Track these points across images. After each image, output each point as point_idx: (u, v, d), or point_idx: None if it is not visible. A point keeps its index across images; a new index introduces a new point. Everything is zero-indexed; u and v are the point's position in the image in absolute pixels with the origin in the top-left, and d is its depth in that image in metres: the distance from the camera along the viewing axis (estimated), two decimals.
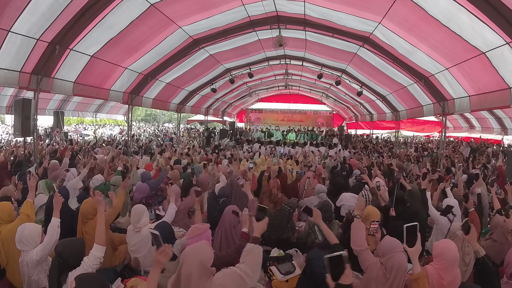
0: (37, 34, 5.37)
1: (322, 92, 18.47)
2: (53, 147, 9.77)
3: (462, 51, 5.78)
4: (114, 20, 6.05)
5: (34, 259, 2.53)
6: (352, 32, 7.67)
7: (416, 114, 10.30)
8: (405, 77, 8.54)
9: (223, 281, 1.87)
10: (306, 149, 11.59)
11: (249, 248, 2.12)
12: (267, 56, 11.57)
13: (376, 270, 2.38)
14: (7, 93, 11.71)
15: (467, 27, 5.12)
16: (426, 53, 6.66)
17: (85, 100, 15.22)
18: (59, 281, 2.20)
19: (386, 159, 9.33)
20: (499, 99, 5.78)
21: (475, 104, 6.65)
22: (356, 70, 10.55)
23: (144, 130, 24.90)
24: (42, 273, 2.58)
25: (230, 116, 22.92)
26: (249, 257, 2.05)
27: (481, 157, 9.75)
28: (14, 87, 6.14)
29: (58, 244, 2.32)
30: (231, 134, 17.34)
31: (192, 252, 1.87)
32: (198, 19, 7.32)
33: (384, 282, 2.32)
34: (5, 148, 9.22)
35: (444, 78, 7.10)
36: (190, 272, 1.78)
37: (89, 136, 18.91)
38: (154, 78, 9.53)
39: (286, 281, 2.99)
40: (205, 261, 1.83)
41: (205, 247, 1.95)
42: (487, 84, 6.01)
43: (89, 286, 1.78)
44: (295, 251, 3.52)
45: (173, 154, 9.14)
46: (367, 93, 12.16)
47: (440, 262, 2.40)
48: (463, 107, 7.09)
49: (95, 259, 2.37)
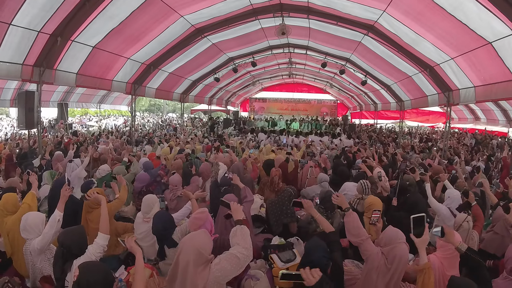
0: (38, 26, 5.36)
1: (326, 81, 18.29)
2: (57, 139, 9.87)
3: (468, 40, 5.66)
4: (115, 10, 6.01)
5: (36, 248, 2.60)
6: (357, 20, 7.52)
7: (420, 104, 10.19)
8: (410, 66, 8.41)
9: (220, 266, 1.90)
10: (308, 139, 11.57)
11: (233, 231, 2.18)
12: (271, 44, 11.44)
13: (377, 260, 2.39)
14: (10, 86, 11.72)
15: (474, 16, 5.00)
16: (431, 42, 6.52)
17: (89, 91, 15.23)
18: (64, 269, 2.25)
19: (391, 149, 9.31)
20: (505, 90, 5.68)
21: (480, 95, 6.54)
22: (361, 59, 10.39)
23: (148, 120, 24.97)
24: (45, 261, 2.66)
25: (233, 106, 22.87)
26: (236, 237, 2.11)
27: (485, 148, 9.66)
28: (17, 79, 6.18)
29: (60, 235, 2.37)
30: (235, 123, 17.35)
31: (190, 240, 1.89)
32: (200, 8, 7.23)
33: (385, 272, 2.33)
34: (9, 141, 9.33)
35: (450, 68, 6.98)
36: (187, 260, 1.80)
37: (94, 127, 19.05)
38: (156, 68, 9.51)
39: (287, 269, 3.04)
40: (202, 249, 1.85)
41: (203, 235, 1.97)
42: (493, 75, 5.90)
43: (92, 274, 1.80)
44: (296, 239, 3.55)
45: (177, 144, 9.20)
46: (371, 83, 12.03)
47: (445, 252, 2.43)
48: (468, 98, 6.98)
49: (98, 247, 2.44)
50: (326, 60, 11.47)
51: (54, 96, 14.33)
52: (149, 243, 3.42)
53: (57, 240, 2.36)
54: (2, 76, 5.86)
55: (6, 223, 3.05)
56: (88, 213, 3.48)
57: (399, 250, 2.32)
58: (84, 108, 19.51)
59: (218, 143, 9.55)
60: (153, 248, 3.40)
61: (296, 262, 3.06)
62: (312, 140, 11.57)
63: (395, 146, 10.73)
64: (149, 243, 3.41)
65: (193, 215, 2.74)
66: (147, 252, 3.48)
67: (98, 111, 20.32)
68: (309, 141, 10.61)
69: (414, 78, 8.99)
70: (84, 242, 2.42)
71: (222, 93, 17.74)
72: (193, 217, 2.70)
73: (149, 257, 3.44)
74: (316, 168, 6.00)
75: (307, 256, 2.43)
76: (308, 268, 1.89)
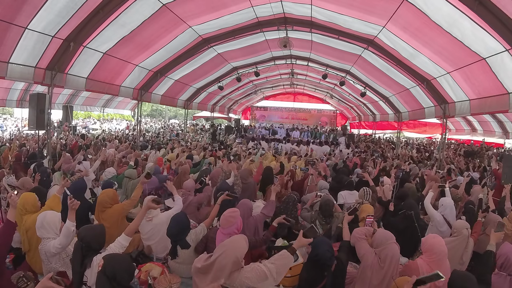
0: (52, 31, 5.59)
1: (326, 92, 18.59)
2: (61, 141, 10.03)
3: (463, 56, 5.94)
4: (127, 18, 6.28)
5: (52, 252, 2.69)
6: (357, 35, 7.83)
7: (418, 116, 10.44)
8: (408, 79, 8.68)
9: (250, 275, 2.01)
10: (309, 147, 11.80)
11: (284, 254, 2.23)
12: (274, 55, 11.77)
13: (371, 259, 2.61)
14: (17, 87, 11.92)
15: (469, 33, 5.28)
16: (428, 57, 6.80)
17: (93, 95, 15.44)
18: (84, 264, 2.36)
19: (389, 160, 9.53)
20: (498, 103, 5.93)
21: (475, 108, 6.80)
22: (360, 71, 10.69)
23: (151, 126, 25.18)
24: (60, 261, 2.76)
25: (235, 113, 23.14)
26: (280, 262, 2.17)
27: (481, 159, 9.87)
28: (29, 81, 6.38)
29: (81, 230, 2.47)
30: (236, 131, 17.58)
31: (232, 245, 2.03)
32: (208, 19, 7.53)
33: (378, 270, 2.56)
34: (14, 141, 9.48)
35: (446, 82, 7.25)
36: (225, 263, 1.96)
37: (97, 130, 19.22)
38: (163, 75, 9.78)
39: (290, 269, 3.17)
40: (240, 256, 2.00)
41: (244, 242, 2.09)
42: (487, 88, 6.16)
43: (117, 263, 1.96)
44: None
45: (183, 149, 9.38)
46: (370, 94, 12.31)
47: (430, 257, 2.61)
48: (464, 110, 7.24)
49: (121, 246, 2.54)
50: (327, 72, 11.77)
51: (59, 99, 14.56)
52: (155, 241, 3.58)
53: (78, 236, 2.45)
54: (16, 78, 6.04)
55: (26, 220, 3.12)
56: (101, 212, 3.63)
57: (390, 249, 2.57)
58: (88, 111, 19.72)
59: (224, 150, 9.75)
60: (161, 245, 3.54)
61: (299, 262, 3.20)
62: (311, 148, 11.80)
63: (393, 156, 10.92)
64: (155, 240, 3.56)
65: (226, 214, 2.84)
66: (156, 249, 3.63)
67: (102, 115, 20.53)
68: (309, 150, 10.85)
69: (411, 90, 9.26)
70: (103, 240, 2.53)
71: (224, 100, 18.03)
72: (227, 216, 2.81)
73: (158, 255, 3.59)
74: (318, 178, 6.17)
75: (313, 251, 2.59)
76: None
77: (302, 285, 2.73)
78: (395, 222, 4.03)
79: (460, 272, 2.31)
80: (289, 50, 10.96)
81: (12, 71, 5.73)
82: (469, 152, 11.71)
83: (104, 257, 2.03)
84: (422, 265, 2.60)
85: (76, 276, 2.41)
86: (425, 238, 2.77)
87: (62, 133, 13.62)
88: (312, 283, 2.62)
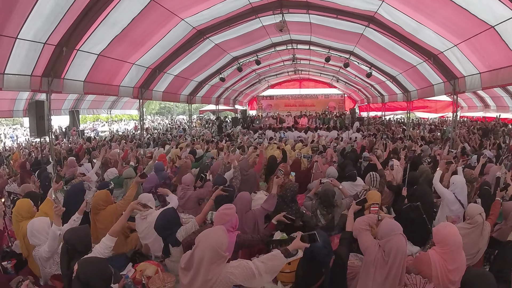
0: (43, 38, 5.54)
1: (332, 75, 18.16)
2: (67, 145, 10.19)
3: (470, 26, 5.55)
4: (117, 17, 6.14)
5: (44, 257, 2.74)
6: (356, 12, 7.47)
7: (427, 94, 10.03)
8: (413, 56, 8.29)
9: (235, 271, 1.90)
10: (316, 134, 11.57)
11: (277, 255, 2.11)
12: (273, 42, 11.45)
13: (374, 253, 2.37)
14: (23, 96, 12.05)
15: (474, 1, 4.91)
16: (433, 30, 6.42)
17: (98, 98, 15.58)
18: (70, 266, 2.35)
19: (399, 143, 9.23)
20: (511, 75, 5.55)
21: (486, 82, 6.41)
22: (364, 51, 10.30)
23: (159, 123, 25.40)
24: (54, 264, 2.81)
25: (241, 104, 22.96)
26: (271, 263, 2.05)
27: (496, 136, 9.40)
28: (27, 90, 6.42)
29: (66, 233, 2.48)
30: (243, 122, 17.47)
31: (206, 237, 1.92)
32: (200, 10, 7.31)
33: (383, 265, 2.30)
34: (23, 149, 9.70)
35: (454, 55, 6.86)
36: (202, 256, 1.84)
37: (106, 132, 19.51)
38: (162, 71, 9.66)
39: (289, 264, 3.05)
40: (218, 247, 1.87)
41: (220, 233, 1.97)
42: (497, 60, 5.78)
43: (90, 269, 1.90)
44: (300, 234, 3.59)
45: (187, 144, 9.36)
46: (376, 74, 11.90)
47: (443, 248, 2.35)
48: (474, 85, 6.85)
49: (106, 247, 2.54)
50: (330, 54, 11.40)
51: (65, 104, 14.75)
52: (151, 239, 3.53)
53: (63, 238, 2.48)
54: (12, 88, 6.06)
55: (22, 227, 3.18)
56: (95, 215, 3.64)
57: (395, 242, 2.29)
58: (95, 114, 20.00)
59: (229, 143, 9.67)
60: (157, 243, 3.49)
61: (298, 257, 3.08)
62: (319, 134, 11.58)
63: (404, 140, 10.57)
64: (151, 239, 3.51)
65: (220, 211, 2.73)
66: (153, 248, 3.60)
67: (109, 117, 20.80)
68: (316, 137, 10.63)
69: (418, 67, 8.86)
70: (89, 241, 2.53)
71: (228, 92, 17.85)
72: (221, 212, 2.70)
73: (156, 253, 3.55)
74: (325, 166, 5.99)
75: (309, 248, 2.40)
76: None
77: (298, 283, 2.60)
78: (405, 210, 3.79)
79: (475, 272, 2.06)
80: (288, 35, 10.65)
81: (9, 82, 5.73)
82: (484, 130, 11.18)
83: (78, 262, 1.98)
84: (434, 257, 2.35)
85: (65, 278, 2.42)
86: (437, 228, 2.49)
87: (71, 138, 13.85)
88: (308, 281, 2.48)
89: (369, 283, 2.36)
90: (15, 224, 3.39)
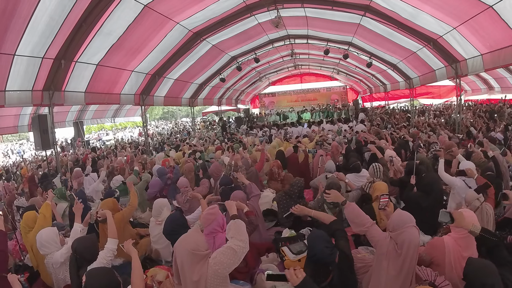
0: (41, 53, 5.62)
1: (332, 68, 18.03)
2: (75, 156, 10.31)
3: (467, 7, 5.46)
4: (111, 26, 6.19)
5: (59, 261, 2.78)
6: (351, 2, 7.40)
7: (429, 80, 9.91)
8: (412, 42, 8.19)
9: (217, 260, 1.97)
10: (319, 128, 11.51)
11: (228, 226, 2.28)
12: (270, 38, 11.42)
13: (386, 246, 2.27)
14: (26, 112, 12.19)
15: None
16: (430, 14, 6.33)
17: (101, 107, 15.71)
18: (79, 275, 2.40)
19: (403, 131, 9.10)
20: None
21: (488, 63, 6.31)
22: (362, 40, 10.19)
23: (163, 128, 25.55)
24: (67, 271, 2.82)
25: (244, 103, 22.95)
26: (231, 231, 2.18)
27: (502, 117, 9.22)
28: (29, 105, 6.52)
29: (74, 242, 2.53)
30: (247, 121, 17.47)
31: (180, 243, 1.97)
32: (193, 12, 7.31)
33: (395, 257, 2.20)
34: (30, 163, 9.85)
35: (453, 39, 6.76)
36: (181, 261, 1.91)
37: (111, 140, 19.69)
38: (161, 76, 9.71)
39: (299, 261, 2.99)
40: (194, 249, 1.91)
41: (193, 235, 2.05)
42: (498, 40, 5.68)
43: (98, 279, 1.93)
44: (309, 230, 3.48)
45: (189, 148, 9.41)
46: (377, 63, 11.78)
47: (460, 232, 2.30)
48: (477, 67, 6.75)
49: (109, 252, 2.57)
50: (328, 47, 11.30)
51: (69, 116, 14.92)
52: (163, 245, 3.57)
53: (71, 247, 2.53)
54: (14, 104, 6.16)
55: (29, 238, 3.27)
56: (104, 223, 3.66)
57: (408, 234, 2.17)
58: (99, 124, 20.18)
59: (231, 143, 9.66)
60: (169, 249, 3.52)
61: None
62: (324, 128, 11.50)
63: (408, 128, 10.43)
64: (164, 244, 3.56)
65: (204, 212, 2.76)
66: (164, 254, 3.63)
67: (114, 125, 20.98)
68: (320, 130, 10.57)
69: (419, 53, 8.74)
70: (96, 249, 2.57)
71: (230, 92, 17.85)
72: (205, 214, 2.71)
73: (166, 259, 3.59)
74: (327, 157, 5.97)
75: (310, 250, 2.39)
76: (293, 269, 1.85)
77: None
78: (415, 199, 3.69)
79: (477, 263, 1.98)
80: (285, 30, 10.59)
81: (10, 98, 5.85)
82: (490, 112, 10.97)
83: (86, 274, 2.02)
84: (449, 243, 2.29)
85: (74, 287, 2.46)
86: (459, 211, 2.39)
87: (77, 149, 14.01)
88: (317, 280, 2.43)
89: (382, 277, 2.27)
90: (24, 236, 3.47)
